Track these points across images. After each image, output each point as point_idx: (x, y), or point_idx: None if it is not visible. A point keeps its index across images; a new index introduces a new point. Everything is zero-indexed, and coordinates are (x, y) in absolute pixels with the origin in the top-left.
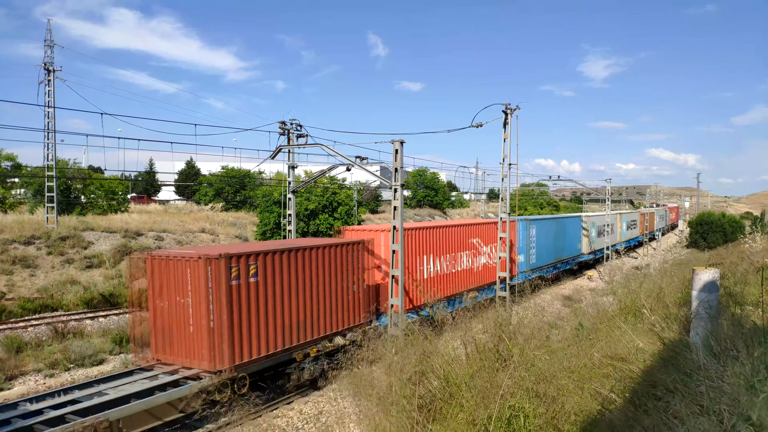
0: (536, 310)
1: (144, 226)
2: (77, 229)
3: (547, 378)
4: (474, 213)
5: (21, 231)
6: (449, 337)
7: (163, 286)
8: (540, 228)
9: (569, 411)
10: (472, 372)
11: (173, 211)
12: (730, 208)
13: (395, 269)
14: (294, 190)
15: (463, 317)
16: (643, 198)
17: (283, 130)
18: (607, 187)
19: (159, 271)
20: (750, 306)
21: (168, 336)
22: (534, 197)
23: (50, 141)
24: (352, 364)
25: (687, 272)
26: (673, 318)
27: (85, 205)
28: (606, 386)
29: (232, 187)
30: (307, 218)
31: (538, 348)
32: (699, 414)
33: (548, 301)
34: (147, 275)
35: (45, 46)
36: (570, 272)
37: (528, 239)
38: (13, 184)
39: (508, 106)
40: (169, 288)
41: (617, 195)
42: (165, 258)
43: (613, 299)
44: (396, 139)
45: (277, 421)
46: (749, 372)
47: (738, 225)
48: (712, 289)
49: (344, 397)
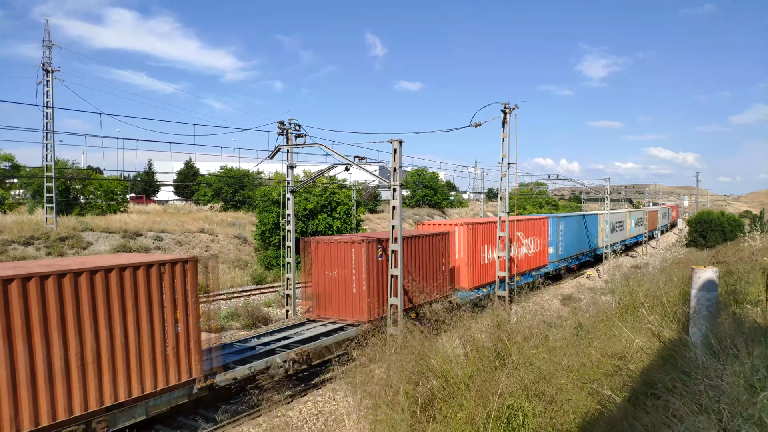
0: (536, 310)
1: (143, 227)
2: (76, 230)
3: (546, 377)
4: (473, 212)
5: (20, 231)
6: (454, 335)
7: (324, 263)
8: (566, 224)
9: (568, 410)
10: (470, 372)
11: (172, 211)
12: (729, 207)
13: (394, 269)
14: (293, 190)
15: (462, 317)
16: (642, 197)
17: (281, 130)
18: (606, 186)
19: (322, 253)
20: (749, 305)
21: (328, 298)
22: (533, 196)
23: (49, 141)
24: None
25: (686, 271)
26: (672, 317)
27: (84, 205)
28: (605, 385)
29: (231, 187)
30: (306, 218)
31: (536, 347)
32: (698, 413)
33: (547, 300)
34: (312, 256)
35: (43, 46)
36: (588, 264)
37: (557, 234)
38: (12, 185)
39: (507, 106)
40: (330, 264)
41: (616, 194)
42: (327, 242)
43: (612, 298)
44: (395, 139)
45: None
46: (749, 371)
47: (737, 224)
48: (712, 288)
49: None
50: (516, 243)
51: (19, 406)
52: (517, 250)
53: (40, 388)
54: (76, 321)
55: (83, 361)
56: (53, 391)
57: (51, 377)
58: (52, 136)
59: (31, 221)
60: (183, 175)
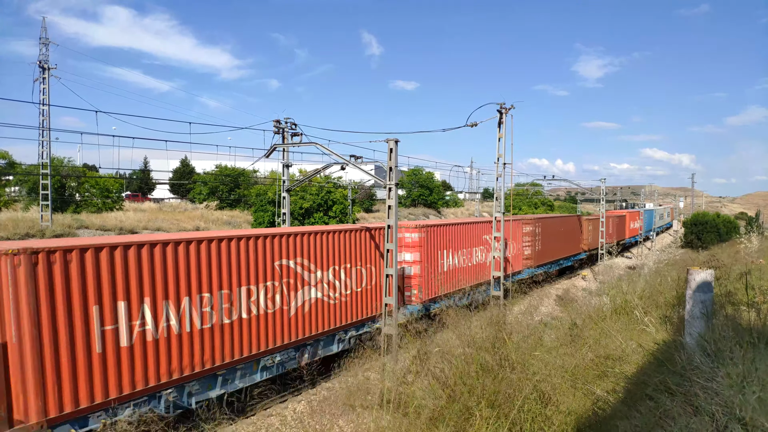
0: (530, 309)
1: (138, 225)
2: (72, 227)
3: (542, 379)
4: (468, 212)
5: (15, 229)
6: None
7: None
8: (647, 215)
9: (563, 411)
10: (472, 372)
11: (168, 209)
12: (724, 209)
13: (389, 268)
14: (288, 189)
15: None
16: (638, 198)
17: (277, 129)
18: (602, 187)
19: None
20: (744, 306)
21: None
22: (528, 197)
23: (45, 139)
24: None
25: (681, 272)
26: (667, 318)
27: (80, 203)
28: (599, 386)
29: (227, 186)
30: (302, 217)
31: (533, 348)
32: (692, 414)
33: (541, 300)
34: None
35: (40, 44)
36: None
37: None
38: (8, 182)
39: (503, 106)
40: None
41: (612, 195)
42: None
43: (607, 299)
44: (390, 138)
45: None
46: (742, 373)
47: (732, 225)
48: (707, 290)
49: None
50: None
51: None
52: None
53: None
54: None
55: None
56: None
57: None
58: (48, 134)
59: (27, 218)
60: (179, 173)
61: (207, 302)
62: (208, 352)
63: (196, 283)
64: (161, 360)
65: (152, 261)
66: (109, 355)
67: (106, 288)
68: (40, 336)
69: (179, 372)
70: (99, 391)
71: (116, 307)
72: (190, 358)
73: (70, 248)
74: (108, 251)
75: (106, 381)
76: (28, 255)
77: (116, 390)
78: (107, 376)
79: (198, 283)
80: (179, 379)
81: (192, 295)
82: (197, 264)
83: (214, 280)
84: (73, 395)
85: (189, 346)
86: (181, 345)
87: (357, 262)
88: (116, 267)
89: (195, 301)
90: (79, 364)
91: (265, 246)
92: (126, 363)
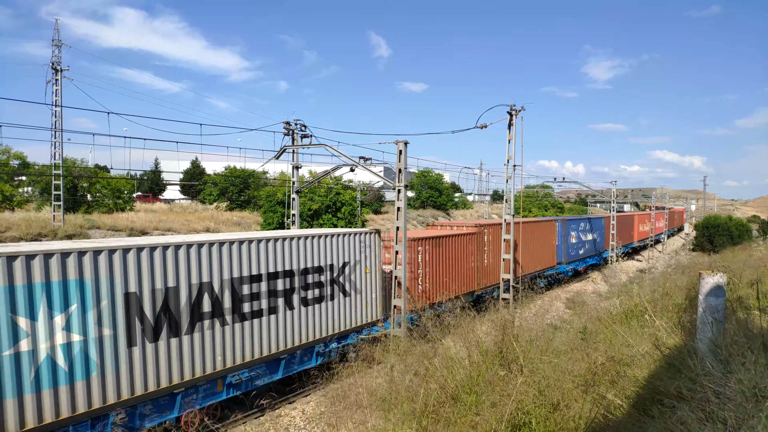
0: (539, 312)
1: (149, 225)
2: (83, 228)
3: (551, 383)
4: (478, 214)
5: (28, 229)
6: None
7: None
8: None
9: (574, 416)
10: (477, 376)
11: (178, 210)
12: (736, 212)
13: (398, 269)
14: (298, 190)
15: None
16: (649, 200)
17: (287, 131)
18: (613, 190)
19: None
20: (757, 311)
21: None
22: (538, 199)
23: (57, 140)
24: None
25: (693, 276)
26: (678, 323)
27: (91, 203)
28: (610, 391)
29: (236, 187)
30: (311, 218)
31: (542, 352)
32: (704, 420)
33: (550, 303)
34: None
35: (53, 45)
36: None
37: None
38: (21, 182)
39: (513, 107)
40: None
41: (622, 197)
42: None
43: (617, 302)
44: (400, 140)
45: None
46: (756, 378)
47: (745, 228)
48: (719, 294)
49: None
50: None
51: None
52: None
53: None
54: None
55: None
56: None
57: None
58: (60, 135)
59: (39, 218)
60: (189, 174)
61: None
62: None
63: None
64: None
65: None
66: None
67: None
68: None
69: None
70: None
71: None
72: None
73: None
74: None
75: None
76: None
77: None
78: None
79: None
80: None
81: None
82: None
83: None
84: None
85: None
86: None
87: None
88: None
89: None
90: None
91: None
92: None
